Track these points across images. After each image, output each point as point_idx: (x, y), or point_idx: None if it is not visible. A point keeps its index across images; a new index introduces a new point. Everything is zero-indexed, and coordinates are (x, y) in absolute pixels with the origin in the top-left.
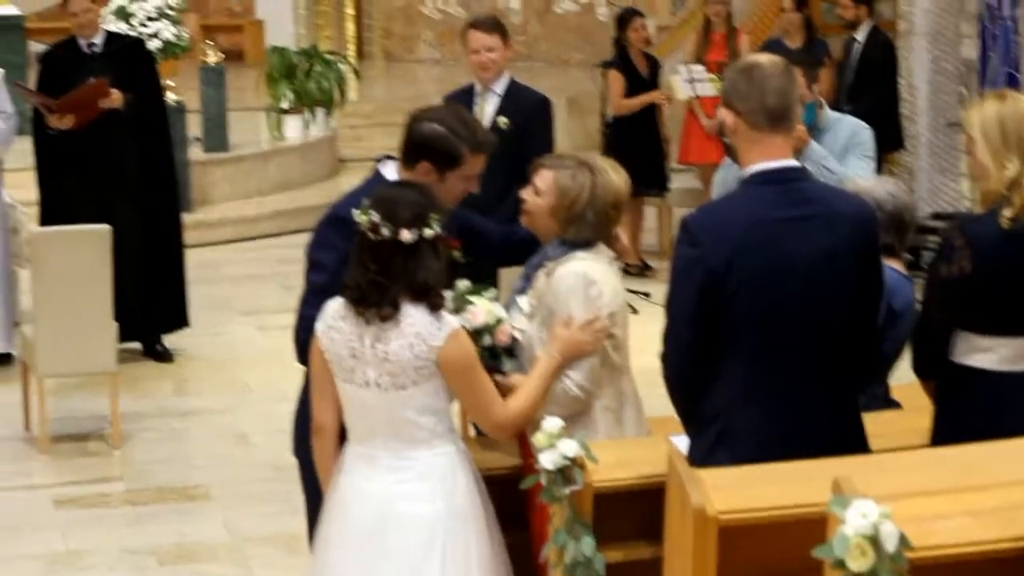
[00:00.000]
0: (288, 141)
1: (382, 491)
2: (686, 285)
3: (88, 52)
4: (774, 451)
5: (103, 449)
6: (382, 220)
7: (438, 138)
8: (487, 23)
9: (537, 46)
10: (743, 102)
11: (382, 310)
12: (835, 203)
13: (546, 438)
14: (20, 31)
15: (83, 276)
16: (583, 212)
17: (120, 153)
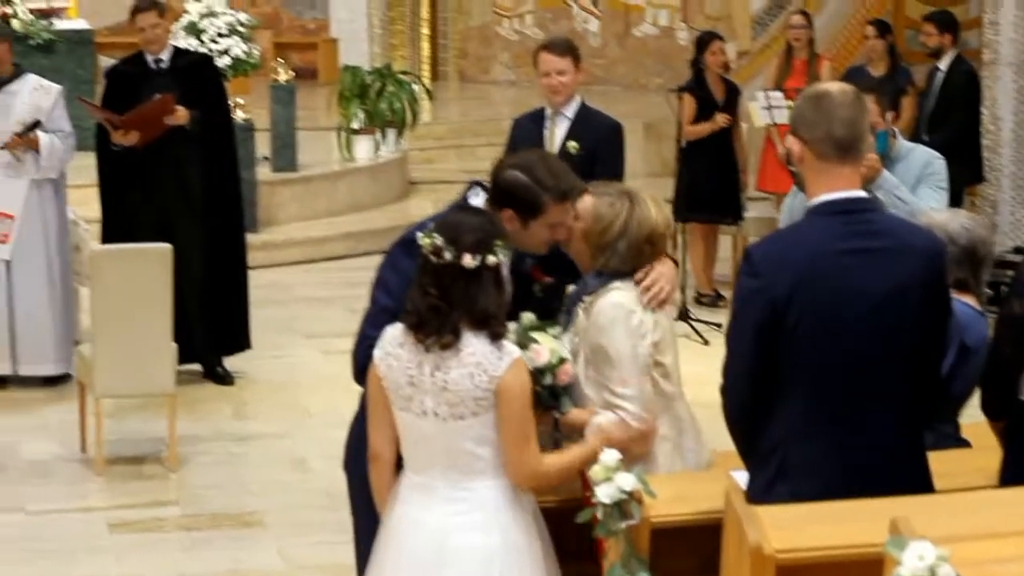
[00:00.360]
0: (358, 162)
1: (439, 522)
2: (747, 317)
3: (155, 68)
4: (834, 488)
5: (159, 472)
6: (445, 244)
7: (520, 188)
8: (559, 46)
9: (615, 70)
10: (810, 131)
11: (442, 338)
12: (904, 236)
13: (603, 471)
14: (89, 45)
15: (143, 295)
16: (614, 242)
17: (184, 171)
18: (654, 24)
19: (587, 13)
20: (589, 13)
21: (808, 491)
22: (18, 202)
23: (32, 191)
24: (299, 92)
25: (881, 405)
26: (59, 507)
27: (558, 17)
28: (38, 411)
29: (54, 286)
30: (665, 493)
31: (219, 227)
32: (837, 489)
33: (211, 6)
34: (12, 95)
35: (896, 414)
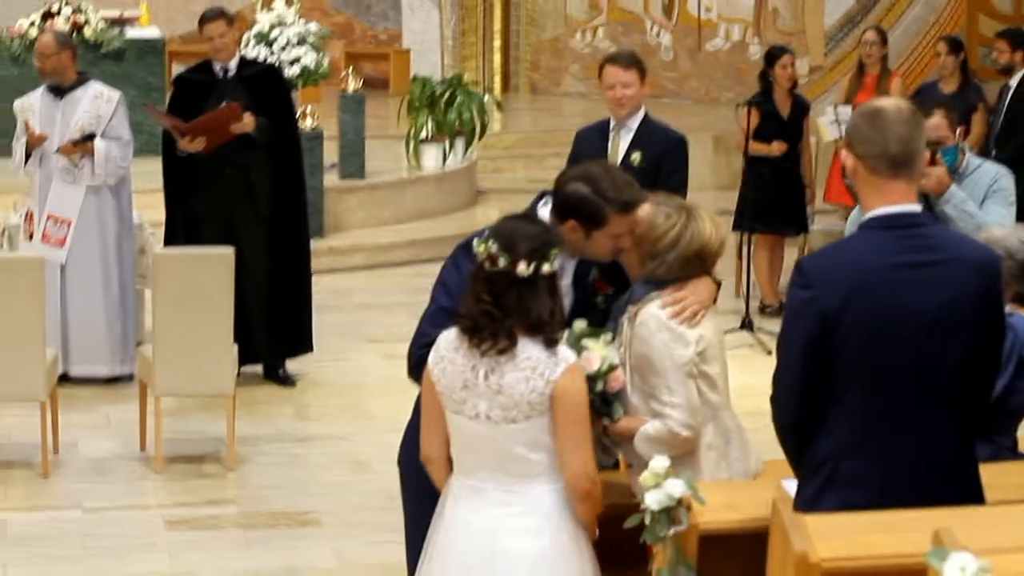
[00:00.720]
0: (425, 170)
1: (488, 525)
2: (798, 328)
3: (222, 76)
4: (882, 499)
5: (218, 471)
6: (499, 251)
7: (583, 200)
8: (624, 59)
9: (687, 83)
10: (864, 146)
11: (499, 343)
12: (957, 249)
13: (652, 477)
14: (160, 53)
15: (205, 298)
16: (665, 251)
17: (249, 177)
18: (726, 38)
19: (660, 27)
20: (662, 27)
21: (857, 501)
22: (75, 207)
23: (90, 196)
24: (371, 101)
25: (932, 418)
26: (116, 504)
27: (630, 30)
28: (100, 410)
29: (110, 289)
30: (714, 500)
31: (283, 233)
32: (886, 500)
33: (282, 16)
34: (74, 102)
35: (947, 427)
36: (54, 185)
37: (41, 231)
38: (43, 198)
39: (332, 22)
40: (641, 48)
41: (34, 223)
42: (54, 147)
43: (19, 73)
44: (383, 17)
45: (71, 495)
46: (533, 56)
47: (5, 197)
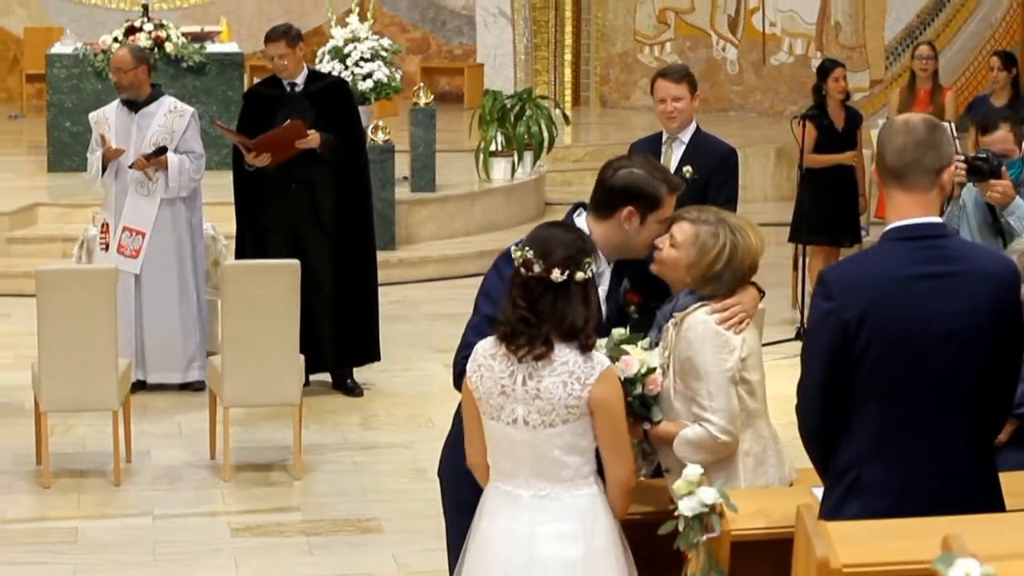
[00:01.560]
0: (494, 183)
1: (525, 531)
2: (819, 338)
3: (290, 90)
4: (904, 506)
5: (284, 479)
6: (535, 257)
7: (641, 181)
8: (675, 73)
9: (751, 96)
10: (877, 159)
11: (535, 348)
12: (975, 260)
13: (686, 485)
14: (239, 67)
15: (272, 309)
16: (721, 272)
17: (315, 191)
18: (790, 53)
19: (725, 41)
20: (727, 41)
21: (877, 509)
22: (149, 219)
23: (164, 209)
24: (446, 115)
25: (951, 426)
26: (185, 511)
27: (697, 45)
28: (172, 419)
29: (185, 299)
30: (746, 507)
31: (348, 245)
32: (906, 508)
33: (356, 32)
34: (149, 116)
35: (966, 435)
36: (129, 198)
37: (117, 242)
38: (118, 210)
39: (409, 38)
40: (707, 62)
41: (110, 234)
42: (129, 160)
43: (103, 87)
44: (458, 33)
45: (142, 502)
46: (603, 70)
47: (85, 210)
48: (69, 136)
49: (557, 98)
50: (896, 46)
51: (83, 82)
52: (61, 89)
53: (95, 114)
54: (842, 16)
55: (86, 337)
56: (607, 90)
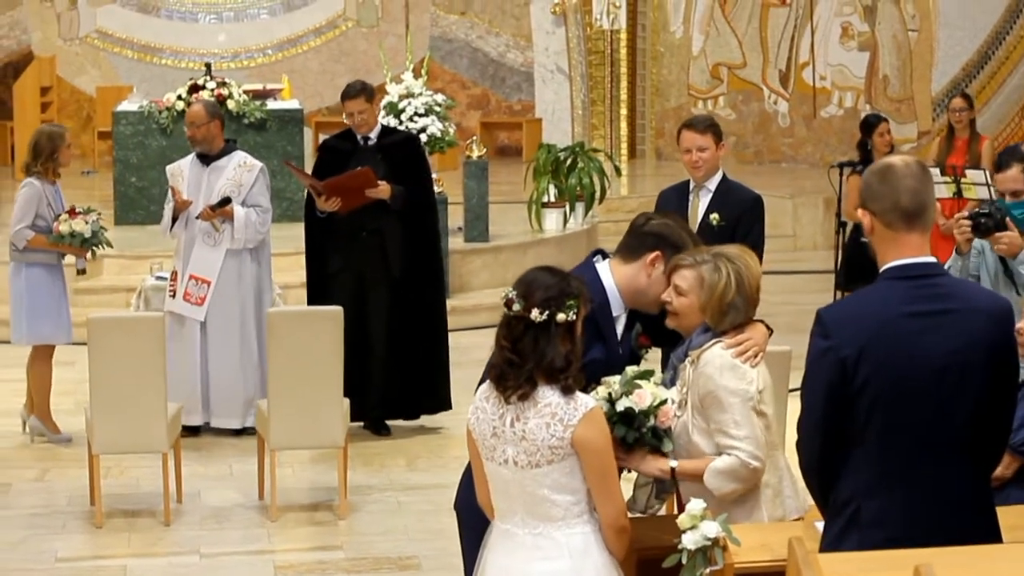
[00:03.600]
0: (546, 233)
1: (520, 569)
2: (818, 375)
3: (363, 144)
4: (903, 538)
5: (330, 519)
6: (516, 297)
7: (672, 231)
8: (700, 124)
9: (802, 148)
10: (878, 203)
11: (520, 389)
12: (970, 298)
13: (689, 519)
14: (299, 123)
15: (316, 354)
16: (734, 300)
17: (384, 241)
18: (839, 105)
19: (777, 95)
20: (779, 95)
21: (877, 541)
22: (215, 269)
23: (230, 259)
24: (505, 168)
25: (947, 460)
26: (231, 550)
27: (749, 99)
28: (224, 461)
29: (246, 347)
30: (748, 541)
31: (416, 294)
32: (905, 540)
33: (410, 87)
34: (219, 170)
35: (962, 469)
36: (196, 247)
37: (183, 290)
38: (186, 259)
39: (469, 94)
40: (759, 116)
41: (178, 282)
42: (197, 212)
43: (168, 143)
44: (517, 89)
45: (190, 541)
46: (658, 124)
47: (147, 261)
48: (135, 191)
49: (612, 151)
50: (943, 98)
51: (148, 138)
52: (127, 145)
53: (172, 167)
54: (890, 70)
55: (136, 382)
56: (662, 144)
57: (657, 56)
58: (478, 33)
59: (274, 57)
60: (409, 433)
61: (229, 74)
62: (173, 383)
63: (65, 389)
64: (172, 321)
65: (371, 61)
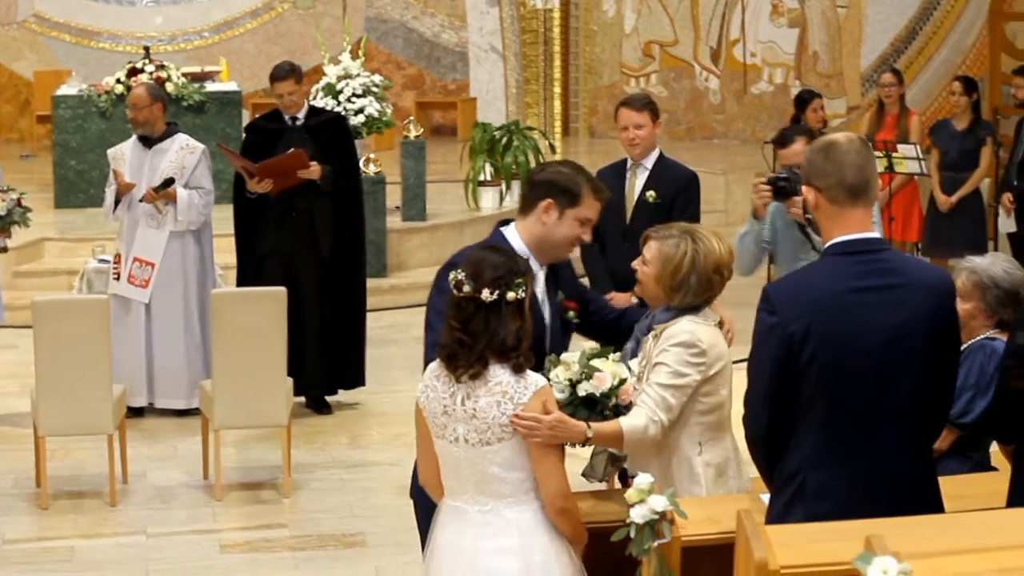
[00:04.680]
0: (483, 211)
1: (471, 546)
2: (765, 351)
3: (291, 124)
4: (847, 510)
5: (274, 497)
6: (466, 279)
7: (563, 178)
8: (637, 102)
9: (733, 124)
10: (823, 179)
11: (471, 368)
12: (913, 273)
13: (637, 493)
14: (238, 105)
15: (260, 335)
16: (686, 278)
17: (312, 221)
18: (770, 82)
19: (708, 72)
20: (710, 72)
21: (822, 513)
22: (158, 251)
23: (173, 241)
24: (440, 148)
25: (892, 433)
26: (177, 530)
27: (681, 76)
28: (169, 441)
29: (189, 328)
30: (696, 514)
31: (341, 274)
32: (849, 512)
33: (348, 69)
34: (161, 153)
35: (907, 442)
36: (140, 230)
37: (128, 272)
38: (130, 242)
39: (405, 74)
40: (691, 93)
41: (121, 264)
42: (140, 194)
43: (107, 127)
44: (452, 69)
45: (136, 522)
46: (591, 102)
47: (89, 244)
48: (75, 174)
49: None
50: (872, 73)
51: (87, 122)
52: (66, 129)
53: (113, 151)
54: (819, 46)
55: (81, 364)
56: (595, 121)
57: (590, 35)
58: (413, 14)
59: (211, 40)
60: (351, 411)
61: (167, 57)
62: (117, 365)
63: (10, 372)
64: (116, 303)
65: (307, 43)
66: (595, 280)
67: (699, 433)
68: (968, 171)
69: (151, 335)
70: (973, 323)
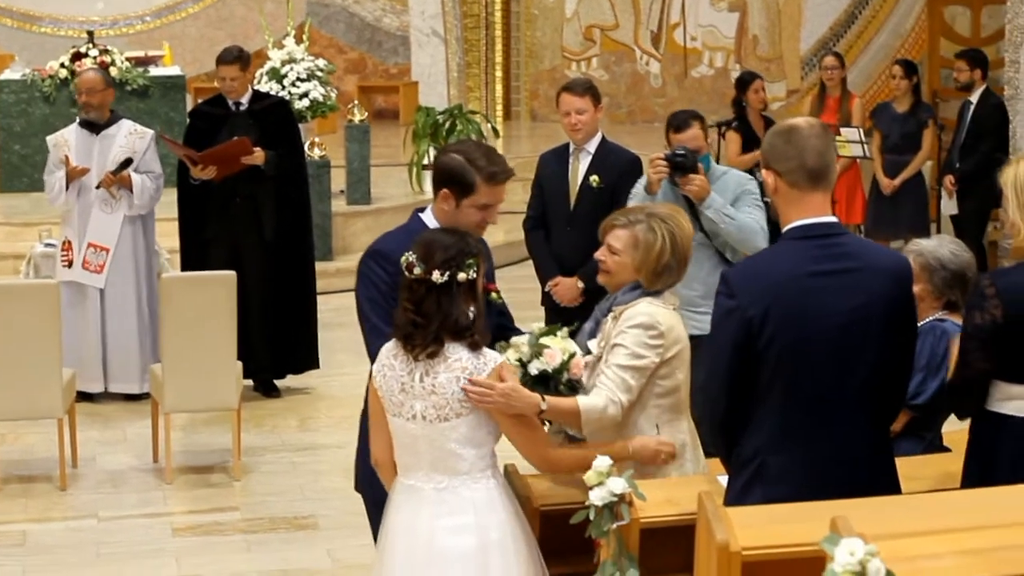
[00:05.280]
0: (427, 195)
1: (426, 524)
2: (724, 334)
3: (234, 110)
4: (805, 492)
5: (224, 480)
6: (417, 261)
7: (456, 167)
8: (578, 87)
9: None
10: (783, 163)
11: (428, 347)
12: (871, 257)
13: (596, 476)
14: (181, 90)
15: (210, 319)
16: (669, 262)
17: (257, 206)
18: (710, 65)
19: (648, 56)
20: (650, 56)
21: (780, 495)
22: (113, 236)
23: (126, 226)
24: (383, 132)
25: (849, 416)
26: (128, 513)
27: (621, 60)
28: (118, 425)
29: (142, 312)
30: (654, 496)
31: (288, 258)
32: (807, 493)
33: (292, 53)
34: (110, 139)
35: (863, 424)
36: (94, 215)
37: (82, 258)
38: (82, 228)
39: (346, 58)
40: (632, 76)
41: (72, 251)
42: (94, 180)
43: (51, 112)
44: (393, 52)
45: (87, 505)
46: (532, 86)
47: (34, 229)
48: (19, 158)
49: (488, 113)
50: (811, 57)
51: (31, 106)
52: (10, 113)
53: (54, 137)
54: (759, 30)
55: (31, 348)
56: (537, 105)
57: (531, 19)
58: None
59: (153, 24)
60: (300, 394)
61: (108, 41)
62: (73, 351)
63: None
64: (70, 290)
65: (250, 27)
66: (540, 266)
67: (656, 415)
68: (910, 154)
69: (105, 320)
70: (922, 305)
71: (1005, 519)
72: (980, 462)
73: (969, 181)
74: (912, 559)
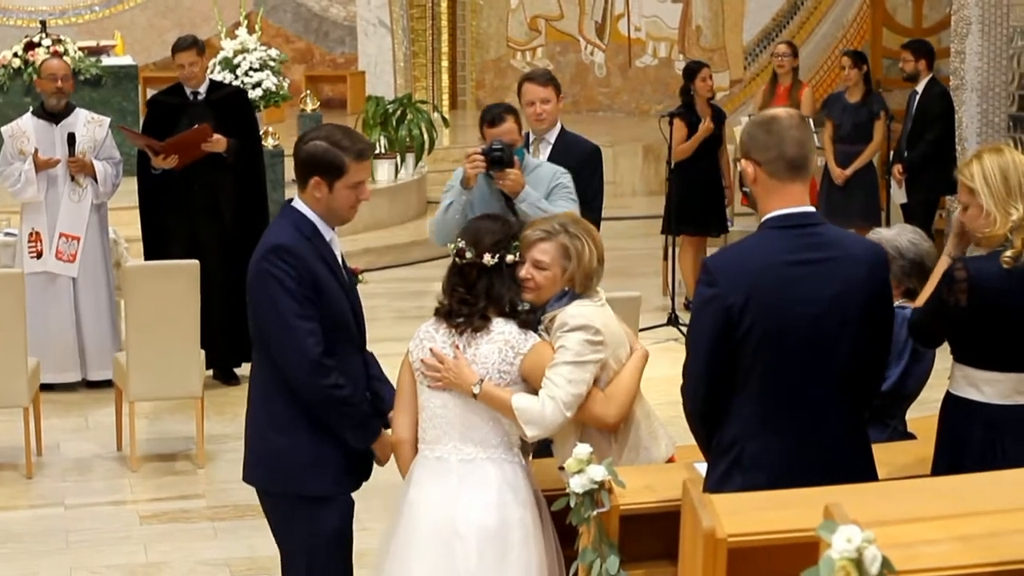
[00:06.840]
0: (379, 184)
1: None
2: (704, 322)
3: (192, 99)
4: (784, 479)
5: (189, 468)
6: (467, 246)
7: (322, 152)
8: (541, 77)
9: (618, 97)
10: (763, 153)
11: (474, 323)
12: (848, 247)
13: (576, 463)
14: (134, 79)
15: (173, 308)
16: (596, 263)
17: (216, 195)
18: (654, 56)
19: (593, 46)
20: (595, 46)
21: (759, 482)
22: (83, 224)
23: (92, 214)
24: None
25: (827, 403)
26: (95, 501)
27: (566, 50)
28: (81, 413)
29: (111, 300)
30: (634, 483)
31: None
32: (786, 480)
33: (245, 43)
34: (70, 128)
35: (840, 411)
36: (64, 205)
37: (55, 249)
38: (52, 218)
39: (293, 48)
40: (576, 66)
41: (43, 242)
42: (62, 170)
43: (3, 101)
44: (340, 42)
45: (53, 493)
46: (478, 75)
47: None
48: None
49: (435, 103)
50: (754, 47)
51: None
52: None
53: (10, 127)
54: (703, 20)
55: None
56: (482, 95)
57: (477, 9)
58: None
59: (102, 13)
60: None
61: (57, 31)
62: (47, 342)
63: None
64: (41, 281)
65: (198, 16)
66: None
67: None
68: (862, 144)
69: (79, 310)
70: None
71: (994, 505)
72: (950, 447)
73: (917, 170)
74: (907, 545)
